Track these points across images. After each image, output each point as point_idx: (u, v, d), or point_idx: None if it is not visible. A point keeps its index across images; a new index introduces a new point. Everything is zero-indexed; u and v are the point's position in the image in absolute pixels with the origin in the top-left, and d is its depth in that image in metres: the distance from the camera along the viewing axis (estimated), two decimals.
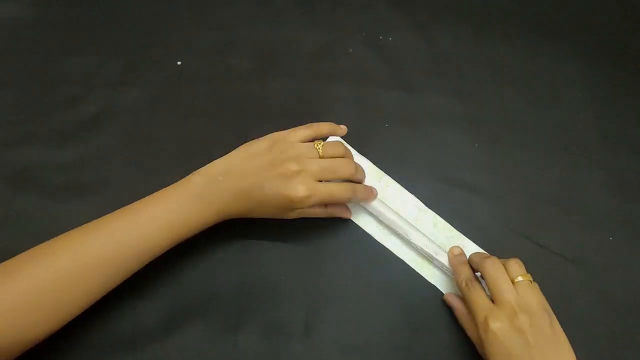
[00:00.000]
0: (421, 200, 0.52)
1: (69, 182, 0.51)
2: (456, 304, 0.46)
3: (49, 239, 0.49)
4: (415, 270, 0.49)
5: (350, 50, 0.60)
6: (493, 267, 0.43)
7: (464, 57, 0.60)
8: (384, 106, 0.57)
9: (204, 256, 0.48)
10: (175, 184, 0.44)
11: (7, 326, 0.36)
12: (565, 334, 0.42)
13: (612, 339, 0.47)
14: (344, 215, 0.50)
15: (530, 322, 0.40)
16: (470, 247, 0.49)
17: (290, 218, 0.46)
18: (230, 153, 0.46)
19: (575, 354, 0.40)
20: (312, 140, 0.47)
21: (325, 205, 0.48)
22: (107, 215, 0.42)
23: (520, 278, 0.42)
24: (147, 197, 0.43)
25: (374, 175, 0.52)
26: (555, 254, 0.50)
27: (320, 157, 0.45)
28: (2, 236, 0.49)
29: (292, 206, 0.43)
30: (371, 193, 0.49)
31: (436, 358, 0.46)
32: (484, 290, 0.43)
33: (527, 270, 0.43)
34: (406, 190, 0.52)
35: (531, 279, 0.43)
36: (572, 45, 0.62)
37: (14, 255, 0.40)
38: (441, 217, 0.51)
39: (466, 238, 0.50)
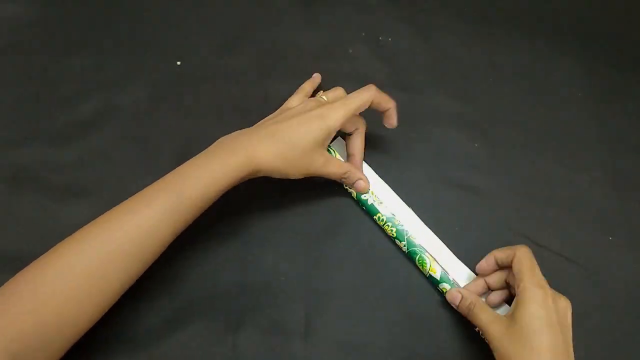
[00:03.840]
0: (421, 201, 0.51)
1: (69, 182, 0.51)
2: (466, 292, 0.45)
3: (49, 238, 0.49)
4: (415, 270, 0.49)
5: (350, 51, 0.60)
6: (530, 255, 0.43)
7: (464, 58, 0.60)
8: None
9: (204, 256, 0.48)
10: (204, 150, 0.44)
11: (50, 315, 0.36)
12: None
13: (612, 339, 0.47)
14: (359, 179, 0.49)
15: (567, 313, 0.40)
16: (460, 268, 0.49)
17: (316, 167, 0.45)
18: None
19: (575, 354, 0.40)
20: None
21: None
22: (134, 196, 0.41)
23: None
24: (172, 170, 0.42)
25: (373, 181, 0.51)
26: (555, 254, 0.50)
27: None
28: (1, 236, 0.49)
29: (328, 123, 0.44)
30: (391, 99, 0.49)
31: (436, 358, 0.46)
32: None
33: None
34: (403, 202, 0.51)
35: None
36: (572, 45, 0.62)
37: (13, 255, 0.40)
38: (441, 217, 0.51)
39: (456, 258, 0.49)
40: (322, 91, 0.51)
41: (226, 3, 0.62)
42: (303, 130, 0.43)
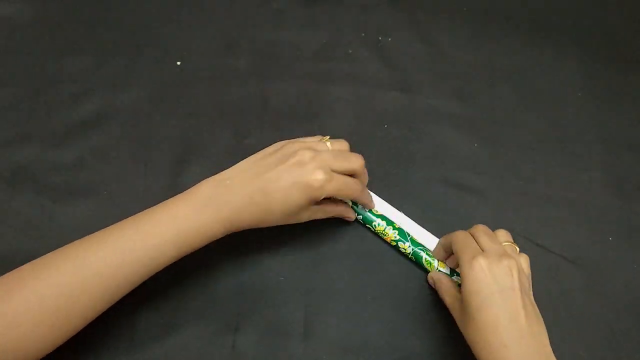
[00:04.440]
0: (421, 201, 0.51)
1: (68, 182, 0.51)
2: (434, 273, 0.47)
3: (47, 238, 0.49)
4: (415, 271, 0.49)
5: (350, 51, 0.60)
6: (483, 229, 0.43)
7: (464, 58, 0.60)
8: (383, 107, 0.57)
9: (204, 257, 0.48)
10: (182, 192, 0.42)
11: (11, 342, 0.36)
12: (565, 333, 0.42)
13: (612, 339, 0.47)
14: (350, 215, 0.49)
15: (518, 272, 0.39)
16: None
17: (301, 220, 0.44)
18: (241, 162, 0.44)
19: (575, 354, 0.40)
20: None
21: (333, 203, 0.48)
22: (112, 225, 0.40)
23: (507, 243, 0.43)
24: (153, 207, 0.41)
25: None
26: (555, 254, 0.50)
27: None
28: (0, 236, 0.49)
29: (312, 194, 0.41)
30: (371, 201, 0.50)
31: (435, 358, 0.46)
32: None
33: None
34: (395, 209, 0.51)
35: (517, 249, 0.43)
36: (572, 45, 0.62)
37: (12, 255, 0.40)
38: (441, 217, 0.51)
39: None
40: (328, 137, 0.47)
41: (226, 3, 0.62)
42: (290, 201, 0.41)
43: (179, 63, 0.58)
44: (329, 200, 0.46)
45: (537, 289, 0.43)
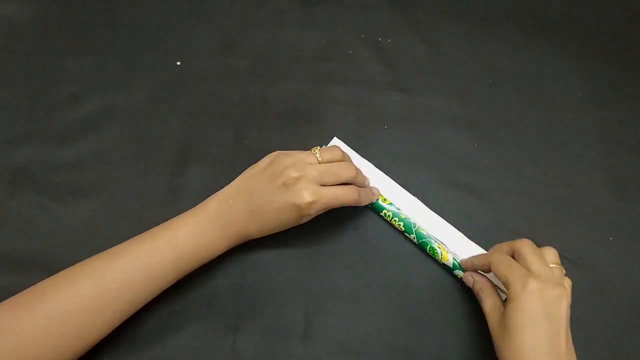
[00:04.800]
0: (422, 201, 0.51)
1: (69, 182, 0.51)
2: (477, 277, 0.46)
3: (47, 238, 0.49)
4: (415, 271, 0.49)
5: (350, 52, 0.60)
6: (530, 246, 0.43)
7: (464, 58, 0.60)
8: (383, 107, 0.57)
9: None
10: (192, 209, 0.45)
11: (31, 356, 0.37)
12: None
13: (612, 339, 0.47)
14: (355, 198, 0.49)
15: (567, 303, 0.39)
16: (472, 248, 0.49)
17: (306, 221, 0.46)
18: (239, 176, 0.46)
19: (576, 353, 0.40)
20: None
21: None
22: (128, 241, 0.42)
23: (553, 265, 0.42)
24: (165, 223, 0.44)
25: (376, 177, 0.52)
26: None
27: (319, 162, 0.45)
28: (1, 236, 0.49)
29: (302, 213, 0.43)
30: (374, 195, 0.49)
31: (436, 358, 0.46)
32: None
33: None
34: (407, 192, 0.52)
35: (564, 271, 0.43)
36: (572, 46, 0.62)
37: (12, 255, 0.40)
38: (441, 217, 0.51)
39: (467, 239, 0.50)
40: (318, 147, 0.47)
41: (226, 3, 0.62)
42: (283, 218, 0.44)
43: (179, 63, 0.58)
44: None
45: None
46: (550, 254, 0.43)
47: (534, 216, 0.52)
